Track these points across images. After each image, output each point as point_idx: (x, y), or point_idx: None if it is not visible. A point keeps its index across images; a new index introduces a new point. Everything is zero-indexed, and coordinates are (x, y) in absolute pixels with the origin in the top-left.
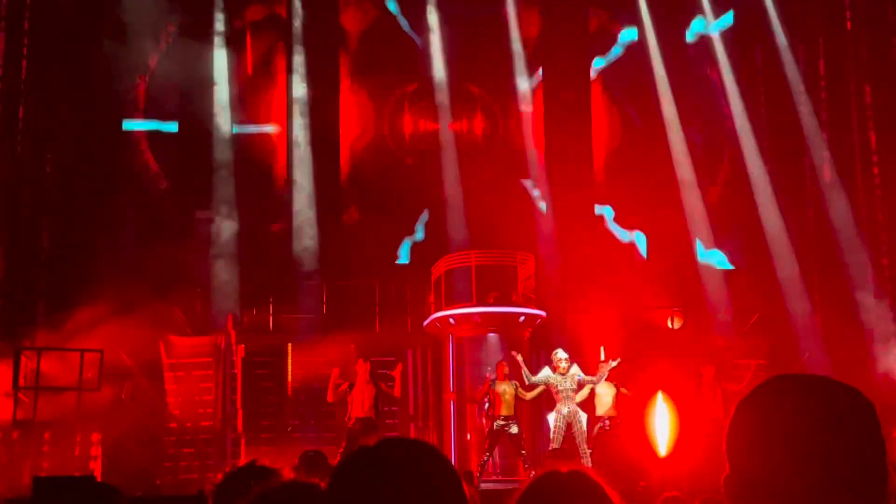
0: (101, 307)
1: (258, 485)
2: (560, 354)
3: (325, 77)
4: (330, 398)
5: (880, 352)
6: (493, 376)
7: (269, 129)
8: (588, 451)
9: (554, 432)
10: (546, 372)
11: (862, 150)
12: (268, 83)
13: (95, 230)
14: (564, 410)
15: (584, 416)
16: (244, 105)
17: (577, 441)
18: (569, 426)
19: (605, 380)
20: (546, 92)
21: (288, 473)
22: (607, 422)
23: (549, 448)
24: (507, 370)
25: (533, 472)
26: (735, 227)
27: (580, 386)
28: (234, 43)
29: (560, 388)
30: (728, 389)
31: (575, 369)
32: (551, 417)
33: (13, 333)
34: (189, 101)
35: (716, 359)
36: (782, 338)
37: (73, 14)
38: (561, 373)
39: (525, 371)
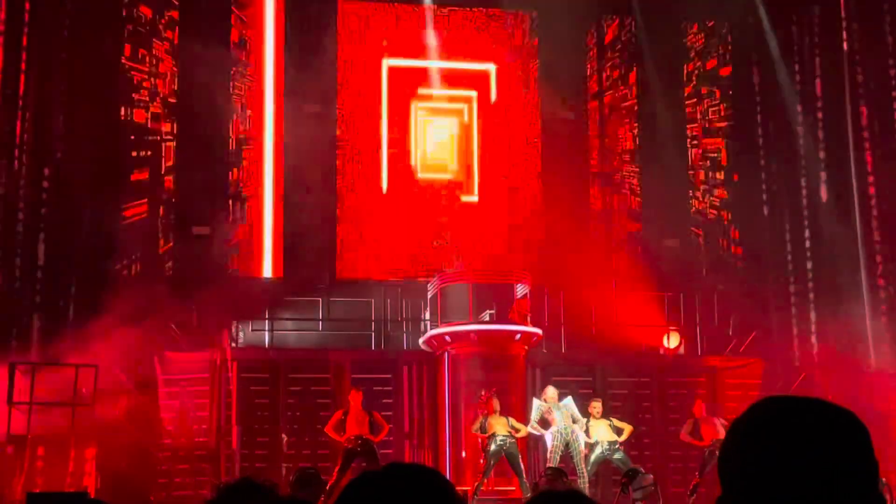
0: (96, 322)
1: (254, 501)
2: (550, 393)
3: (322, 87)
4: (328, 430)
5: (875, 376)
6: (485, 411)
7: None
8: (585, 471)
9: (551, 451)
10: (536, 405)
11: (858, 170)
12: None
13: (92, 246)
14: (563, 428)
15: (581, 436)
16: (245, 113)
17: (574, 461)
18: (567, 445)
19: (596, 417)
20: (543, 111)
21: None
22: (606, 445)
23: (547, 466)
24: (497, 407)
25: (528, 494)
26: (731, 246)
27: (572, 417)
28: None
29: (554, 410)
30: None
31: (568, 401)
32: (549, 436)
33: (8, 348)
34: (191, 110)
35: (709, 382)
36: (777, 358)
37: (72, 27)
38: (553, 405)
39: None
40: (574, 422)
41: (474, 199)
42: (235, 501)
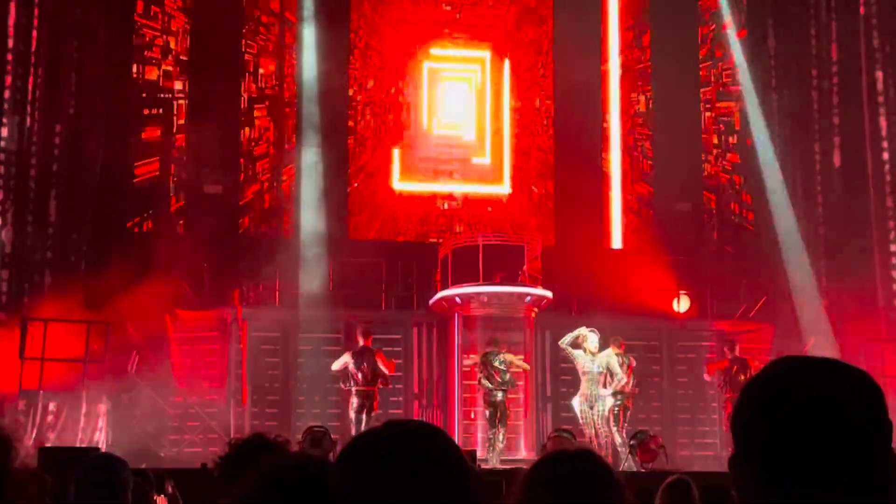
0: (107, 280)
1: (265, 458)
2: (592, 339)
3: (336, 45)
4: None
5: (886, 341)
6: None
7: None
8: (607, 431)
9: (580, 415)
10: (576, 351)
11: (872, 135)
12: (278, 51)
13: (103, 203)
14: (588, 393)
15: (609, 401)
16: (256, 69)
17: (596, 422)
18: (591, 407)
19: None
20: (557, 75)
21: (293, 448)
22: (619, 396)
23: (555, 427)
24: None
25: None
26: (744, 211)
27: (610, 373)
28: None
29: (586, 369)
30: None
31: (609, 354)
32: (575, 402)
33: (20, 304)
34: (203, 68)
35: (719, 347)
36: (787, 322)
37: None
38: (591, 352)
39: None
40: (609, 374)
41: (486, 160)
42: (247, 458)
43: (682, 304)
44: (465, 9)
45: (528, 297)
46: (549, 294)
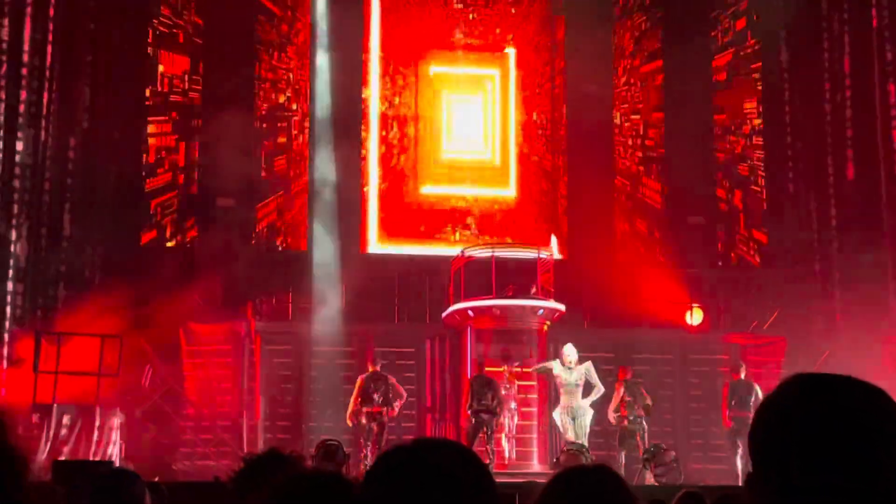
0: (121, 293)
1: (280, 473)
2: (569, 350)
3: (348, 52)
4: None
5: None
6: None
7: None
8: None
9: (562, 425)
10: (552, 363)
11: (885, 148)
12: (291, 63)
13: (117, 216)
14: (568, 405)
15: (589, 413)
16: (268, 86)
17: (578, 433)
18: (573, 419)
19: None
20: (569, 85)
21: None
22: (632, 417)
23: (567, 441)
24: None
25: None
26: (757, 224)
27: (587, 385)
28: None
29: (564, 380)
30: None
31: (587, 366)
32: (556, 414)
33: (34, 317)
34: (218, 83)
35: (732, 360)
36: (801, 335)
37: None
38: (568, 366)
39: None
40: (588, 386)
41: (510, 192)
42: (262, 473)
43: (694, 317)
44: (477, 21)
45: (541, 311)
46: (561, 307)
